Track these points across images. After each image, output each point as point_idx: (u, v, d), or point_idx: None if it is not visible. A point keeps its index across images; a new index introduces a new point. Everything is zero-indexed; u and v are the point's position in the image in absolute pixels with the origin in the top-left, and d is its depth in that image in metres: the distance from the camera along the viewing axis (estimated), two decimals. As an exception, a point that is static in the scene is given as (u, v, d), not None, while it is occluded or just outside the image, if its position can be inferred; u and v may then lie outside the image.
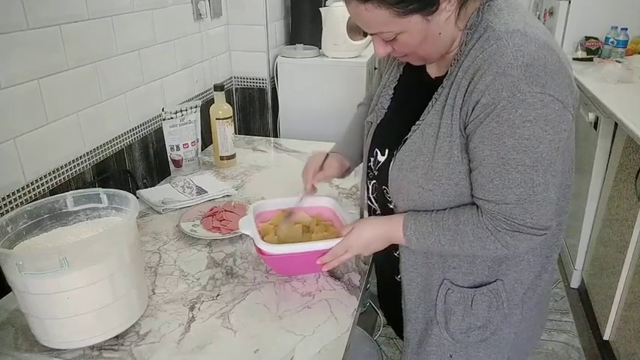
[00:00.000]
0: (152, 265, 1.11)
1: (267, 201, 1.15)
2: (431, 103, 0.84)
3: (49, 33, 1.16)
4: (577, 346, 2.01)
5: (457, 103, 0.79)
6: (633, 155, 1.81)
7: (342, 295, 1.01)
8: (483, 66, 0.74)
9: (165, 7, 1.60)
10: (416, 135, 0.85)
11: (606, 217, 2.05)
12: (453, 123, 0.80)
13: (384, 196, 0.96)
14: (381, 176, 0.95)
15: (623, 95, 2.00)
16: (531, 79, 0.71)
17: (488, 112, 0.74)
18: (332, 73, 2.10)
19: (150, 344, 0.88)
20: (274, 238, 1.05)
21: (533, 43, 0.72)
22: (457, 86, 0.79)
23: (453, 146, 0.80)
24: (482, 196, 0.80)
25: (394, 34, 0.78)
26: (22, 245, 0.88)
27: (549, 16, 2.96)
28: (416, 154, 0.84)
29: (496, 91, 0.72)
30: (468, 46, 0.78)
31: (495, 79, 0.72)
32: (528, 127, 0.72)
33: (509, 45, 0.73)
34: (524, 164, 0.75)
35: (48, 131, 1.19)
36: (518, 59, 0.71)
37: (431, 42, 0.79)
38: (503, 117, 0.73)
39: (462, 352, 0.96)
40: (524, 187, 0.76)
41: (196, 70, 1.83)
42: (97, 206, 0.96)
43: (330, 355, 0.86)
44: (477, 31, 0.78)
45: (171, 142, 1.53)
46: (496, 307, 0.92)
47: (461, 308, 0.92)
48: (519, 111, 0.72)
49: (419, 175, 0.84)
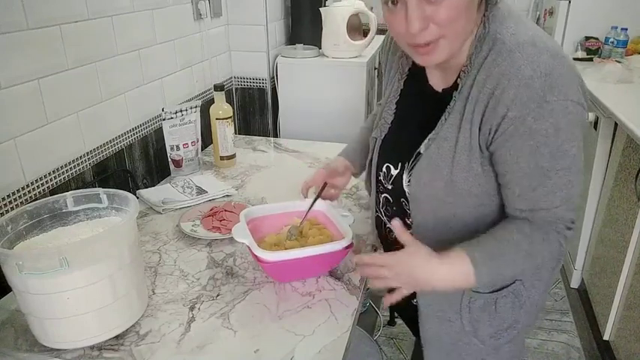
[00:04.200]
0: (152, 265, 1.11)
1: (258, 207, 1.15)
2: (444, 117, 0.83)
3: (49, 33, 1.16)
4: (577, 346, 2.01)
5: (476, 119, 0.79)
6: (633, 155, 1.81)
7: (342, 295, 1.01)
8: (502, 80, 0.74)
9: (165, 7, 1.60)
10: (431, 149, 0.84)
11: (606, 217, 2.05)
12: (472, 137, 0.80)
13: (403, 207, 0.94)
14: (395, 189, 0.94)
15: (623, 95, 2.00)
16: (554, 88, 0.72)
17: (517, 125, 0.74)
18: (332, 73, 2.10)
19: (150, 344, 0.88)
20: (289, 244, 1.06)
21: (545, 53, 0.73)
22: (474, 100, 0.78)
23: (472, 160, 0.80)
24: (528, 206, 0.80)
25: None
26: (22, 245, 0.88)
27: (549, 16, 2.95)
28: (433, 169, 0.84)
29: (523, 104, 0.73)
30: (479, 58, 0.78)
31: (519, 92, 0.73)
32: (561, 134, 0.74)
33: (524, 57, 0.73)
34: (563, 168, 0.76)
35: (48, 131, 1.19)
36: (536, 71, 0.72)
37: (466, 19, 0.76)
38: (535, 129, 0.74)
39: (494, 354, 0.97)
40: (566, 189, 0.78)
41: (196, 70, 1.83)
42: (97, 206, 0.96)
43: (330, 355, 0.86)
44: (486, 42, 0.78)
45: (171, 142, 1.53)
46: (519, 307, 0.92)
47: (486, 314, 0.92)
48: (550, 120, 0.73)
49: (438, 189, 0.84)
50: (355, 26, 2.23)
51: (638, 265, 1.69)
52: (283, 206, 1.15)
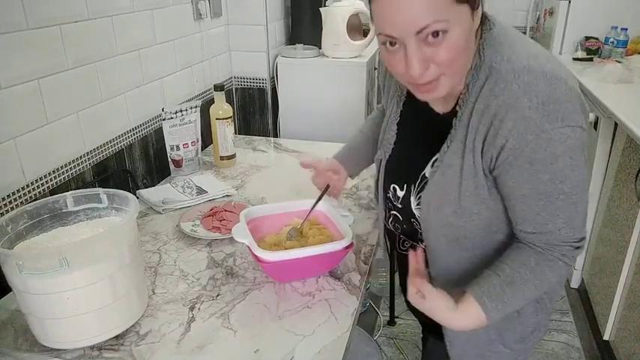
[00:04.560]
0: (152, 265, 1.11)
1: (258, 207, 1.15)
2: (446, 144, 0.84)
3: (49, 33, 1.16)
4: (577, 346, 2.01)
5: (477, 147, 0.79)
6: (633, 155, 1.81)
7: (342, 295, 1.01)
8: (500, 112, 0.75)
9: (165, 7, 1.60)
10: (437, 176, 0.85)
11: (606, 217, 2.05)
12: (475, 165, 0.80)
13: (414, 227, 0.95)
14: (404, 209, 0.95)
15: (623, 95, 2.00)
16: (551, 117, 0.72)
17: (516, 155, 0.75)
18: (332, 73, 2.10)
19: (150, 344, 0.88)
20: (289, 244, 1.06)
21: (541, 79, 0.73)
22: (474, 130, 0.79)
23: (478, 186, 0.82)
24: (532, 229, 0.81)
25: (446, 25, 0.69)
26: (22, 245, 0.88)
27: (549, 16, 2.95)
28: (441, 194, 0.85)
29: (520, 135, 0.73)
30: (476, 87, 0.79)
31: (517, 124, 0.73)
32: (560, 161, 0.74)
33: (521, 88, 0.73)
34: (564, 192, 0.76)
35: (48, 131, 1.19)
36: (532, 100, 0.72)
37: (465, 56, 0.76)
38: (533, 157, 0.74)
39: (521, 357, 0.99)
40: (569, 211, 0.78)
41: (196, 70, 1.83)
42: (97, 206, 0.96)
43: (330, 355, 0.86)
44: (482, 71, 0.78)
45: (171, 142, 1.53)
46: (542, 310, 0.94)
47: (510, 322, 0.93)
48: (548, 149, 0.73)
49: (447, 214, 0.85)
50: (355, 26, 2.23)
51: (638, 265, 1.69)
52: (283, 206, 1.15)
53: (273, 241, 1.08)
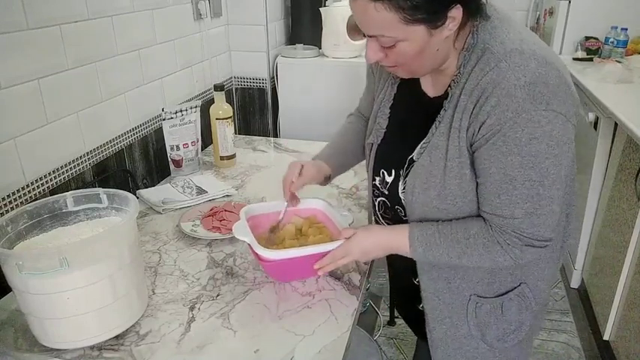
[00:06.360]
0: (152, 265, 1.11)
1: (258, 205, 1.15)
2: (434, 125, 0.84)
3: (49, 33, 1.16)
4: (577, 346, 2.01)
5: (463, 125, 0.80)
6: (633, 155, 1.81)
7: (342, 295, 1.01)
8: (487, 89, 0.75)
9: (165, 7, 1.60)
10: (423, 158, 0.85)
11: (606, 217, 2.05)
12: (460, 144, 0.81)
13: (398, 214, 0.95)
14: (391, 196, 0.95)
15: (623, 95, 2.00)
16: (535, 98, 0.72)
17: (494, 132, 0.75)
18: (332, 73, 2.10)
19: (150, 344, 0.88)
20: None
21: (532, 61, 0.73)
22: (462, 109, 0.79)
23: (463, 166, 0.81)
24: (489, 210, 0.81)
25: (394, 40, 0.76)
26: (22, 245, 0.88)
27: (549, 16, 2.95)
28: (426, 177, 0.85)
29: (501, 112, 0.73)
30: (467, 68, 0.79)
31: (500, 101, 0.73)
32: (534, 144, 0.73)
33: (510, 66, 0.73)
34: (531, 180, 0.76)
35: (48, 131, 1.19)
36: (520, 79, 0.72)
37: (427, 56, 0.79)
38: (509, 136, 0.74)
39: (502, 356, 0.98)
40: (532, 202, 0.77)
41: (196, 70, 1.83)
42: (97, 206, 0.96)
43: (330, 355, 0.86)
44: (475, 52, 0.79)
45: (171, 142, 1.53)
46: (525, 308, 0.93)
47: (493, 318, 0.93)
48: (526, 130, 0.73)
49: (432, 197, 0.85)
50: (355, 26, 2.21)
51: (638, 265, 1.69)
52: (282, 204, 1.14)
53: (263, 242, 1.07)
